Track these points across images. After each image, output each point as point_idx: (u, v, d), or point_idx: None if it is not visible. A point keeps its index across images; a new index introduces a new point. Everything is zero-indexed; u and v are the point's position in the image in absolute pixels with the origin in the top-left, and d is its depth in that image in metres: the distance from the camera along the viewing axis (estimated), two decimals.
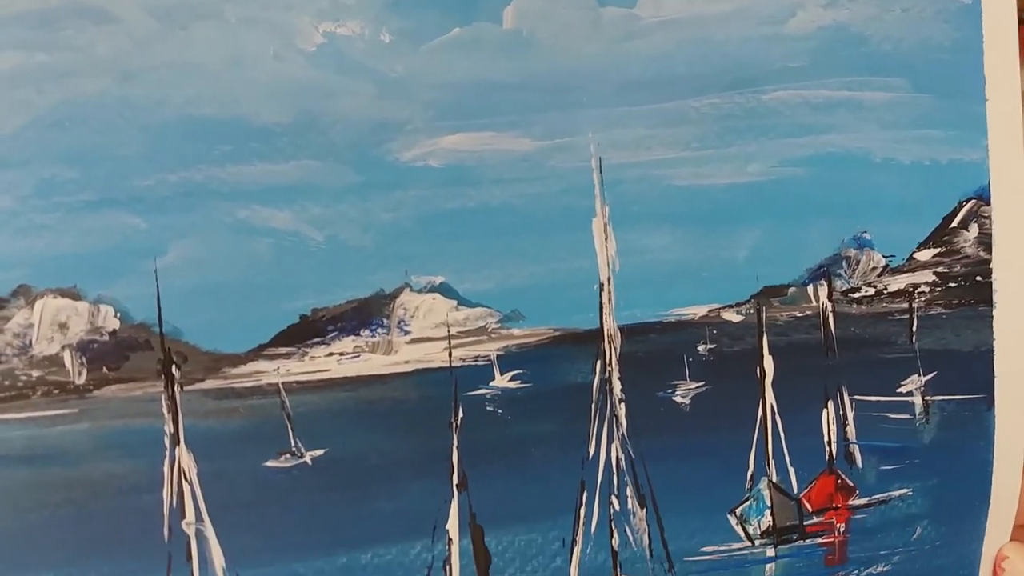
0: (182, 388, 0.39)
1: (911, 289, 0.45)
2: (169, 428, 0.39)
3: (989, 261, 0.46)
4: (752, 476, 0.45)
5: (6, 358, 0.38)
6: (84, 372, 0.39)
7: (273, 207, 0.40)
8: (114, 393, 0.39)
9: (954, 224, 0.45)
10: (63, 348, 0.39)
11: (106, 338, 0.39)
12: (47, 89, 0.38)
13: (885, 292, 0.45)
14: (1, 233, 0.38)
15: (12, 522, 0.38)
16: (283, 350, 0.40)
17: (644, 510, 0.44)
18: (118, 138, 0.39)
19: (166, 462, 0.39)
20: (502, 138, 0.41)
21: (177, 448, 0.40)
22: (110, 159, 0.38)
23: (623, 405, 0.43)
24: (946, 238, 0.45)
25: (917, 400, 0.46)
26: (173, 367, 0.39)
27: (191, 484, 0.40)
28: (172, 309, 0.39)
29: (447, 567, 0.42)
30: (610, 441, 0.43)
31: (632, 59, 0.42)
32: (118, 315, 0.39)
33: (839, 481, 0.46)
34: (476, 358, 0.42)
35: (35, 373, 0.39)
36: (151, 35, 0.39)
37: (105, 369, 0.39)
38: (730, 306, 0.44)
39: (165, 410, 0.39)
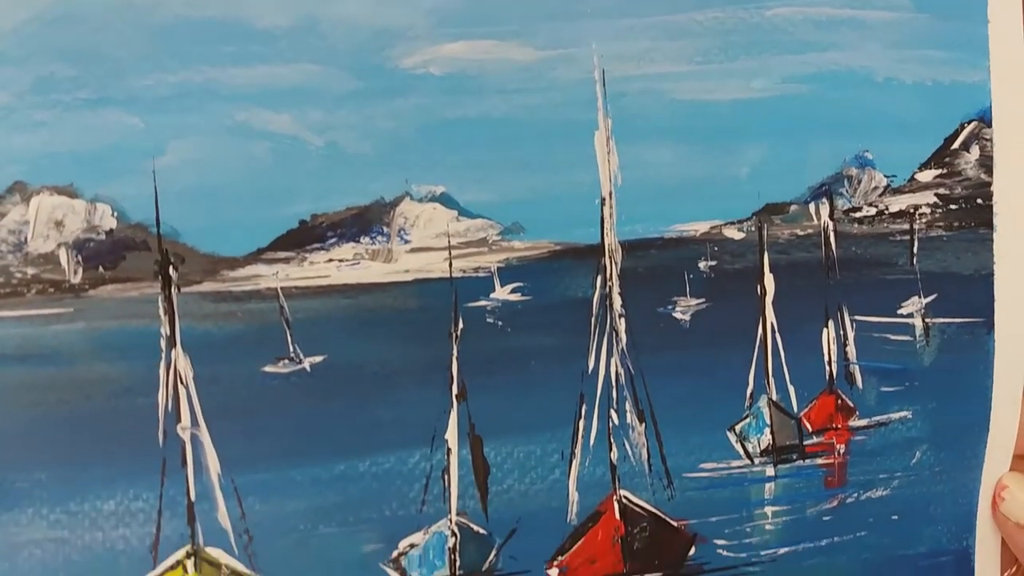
0: (179, 290, 0.36)
1: (912, 210, 0.42)
2: (165, 330, 0.36)
3: (990, 184, 0.43)
4: (752, 394, 0.42)
5: (1, 255, 0.35)
6: (80, 271, 0.36)
7: (272, 110, 0.37)
8: (110, 293, 0.36)
9: (955, 146, 0.42)
10: (59, 246, 0.36)
11: (103, 237, 0.36)
12: None
13: (886, 212, 0.42)
14: None
15: (5, 422, 0.35)
16: (282, 255, 0.37)
17: (643, 425, 0.41)
18: (118, 37, 0.36)
19: (162, 365, 0.36)
20: (504, 47, 0.38)
21: (173, 351, 0.36)
22: (109, 58, 0.36)
23: (623, 320, 0.40)
24: (947, 159, 0.42)
25: (917, 322, 0.43)
26: (170, 268, 0.36)
27: (187, 388, 0.37)
28: (170, 210, 0.36)
29: (445, 476, 0.39)
30: (609, 356, 0.40)
31: None
32: (115, 214, 0.36)
33: (839, 401, 0.43)
34: (476, 269, 0.39)
35: (30, 271, 0.36)
36: None
37: (101, 268, 0.36)
38: (732, 223, 0.41)
39: (162, 312, 0.36)
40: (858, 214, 0.42)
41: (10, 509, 0.35)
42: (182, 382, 0.36)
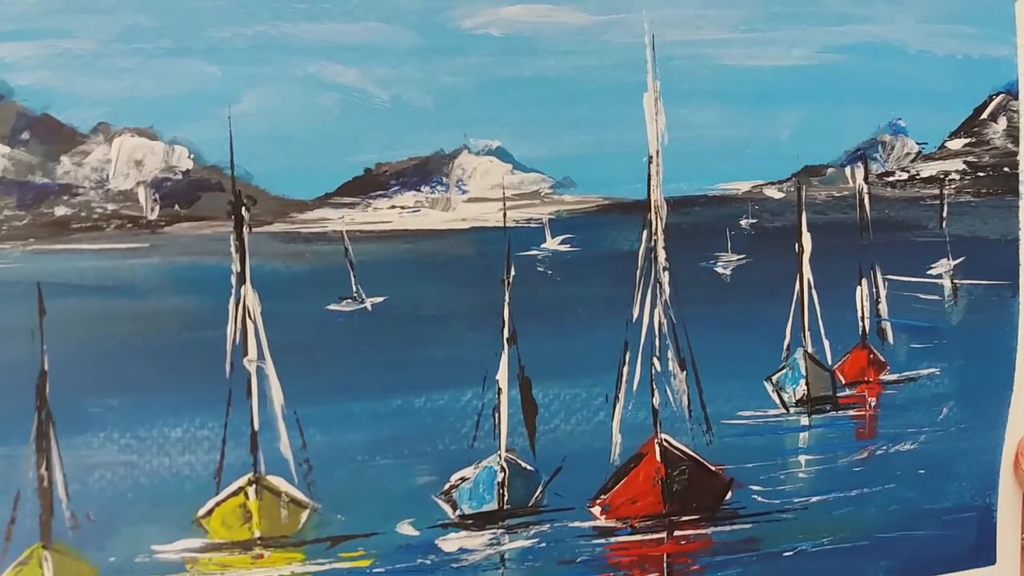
0: (250, 229, 0.35)
1: (942, 176, 0.41)
2: (236, 267, 0.35)
3: (1016, 153, 0.41)
4: (788, 346, 0.40)
5: (83, 191, 0.34)
6: (157, 208, 0.35)
7: (341, 64, 0.35)
8: (184, 230, 0.35)
9: (984, 116, 0.41)
10: (138, 184, 0.35)
11: (179, 177, 0.35)
12: None
13: (917, 177, 0.41)
14: (84, 74, 0.34)
15: (83, 349, 0.34)
16: (348, 200, 0.36)
17: (684, 372, 0.39)
18: None
19: (231, 300, 0.35)
20: (559, 11, 0.37)
21: (243, 287, 0.35)
22: (189, 11, 0.34)
23: (667, 273, 0.38)
24: (976, 129, 0.41)
25: (946, 283, 0.41)
26: (243, 209, 0.35)
27: (255, 323, 0.35)
28: (243, 154, 0.35)
29: (496, 415, 0.38)
30: (653, 306, 0.38)
31: None
32: (191, 156, 0.35)
33: (871, 356, 0.41)
34: (529, 220, 0.37)
35: (110, 207, 0.34)
36: None
37: (177, 207, 0.35)
38: (772, 183, 0.39)
39: (233, 250, 0.35)
40: (891, 178, 0.40)
41: (83, 432, 0.34)
42: (250, 317, 0.35)
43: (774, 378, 0.40)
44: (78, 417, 0.34)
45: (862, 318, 0.41)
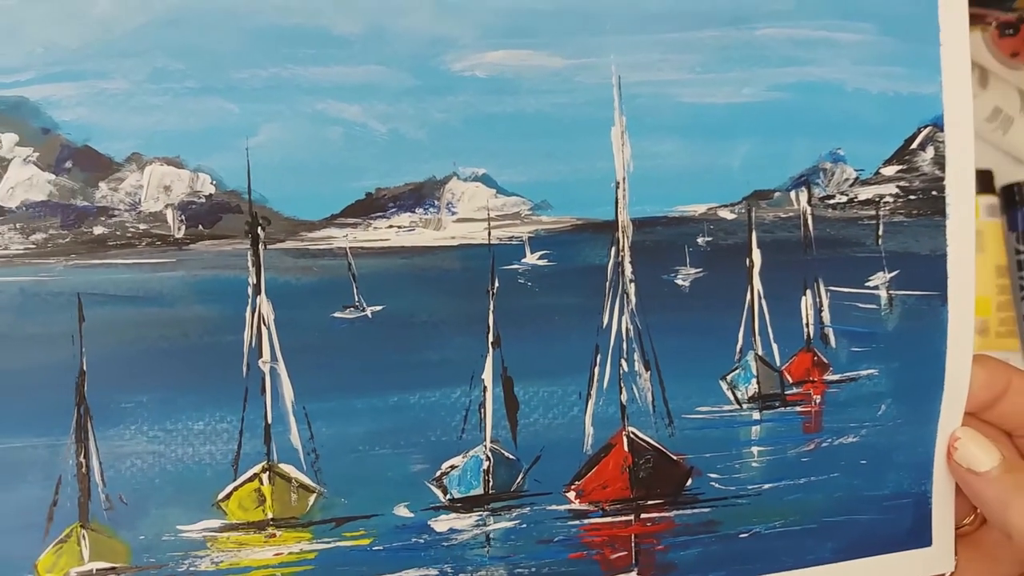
0: (265, 246, 0.36)
1: (877, 199, 0.41)
2: (252, 279, 0.36)
3: (943, 179, 0.41)
4: (741, 349, 0.40)
5: (118, 212, 0.35)
6: (182, 228, 0.35)
7: (345, 102, 0.36)
8: (207, 247, 0.35)
9: (913, 146, 0.41)
10: (166, 207, 0.35)
11: (203, 201, 0.35)
12: None
13: (855, 200, 0.41)
14: (119, 110, 0.34)
15: (116, 351, 0.35)
16: (351, 220, 0.36)
17: (649, 372, 0.39)
18: (220, 38, 0.35)
19: (248, 308, 0.36)
20: (537, 55, 0.37)
21: (258, 297, 0.36)
22: (211, 54, 0.35)
23: (633, 284, 0.39)
24: (907, 157, 0.41)
25: (882, 293, 0.41)
26: (259, 228, 0.36)
27: (268, 328, 0.36)
28: (259, 180, 0.35)
29: (482, 410, 0.38)
30: (621, 313, 0.39)
31: None
32: (214, 182, 0.35)
33: (815, 358, 0.41)
34: (511, 238, 0.38)
35: (141, 226, 0.35)
36: None
37: (200, 226, 0.35)
38: (725, 205, 0.39)
39: (250, 264, 0.36)
40: (832, 201, 0.40)
41: (116, 425, 0.34)
42: (264, 324, 0.35)
43: (728, 377, 0.40)
44: (112, 412, 0.34)
45: (807, 324, 0.40)
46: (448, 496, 0.37)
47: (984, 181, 0.74)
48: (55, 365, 0.34)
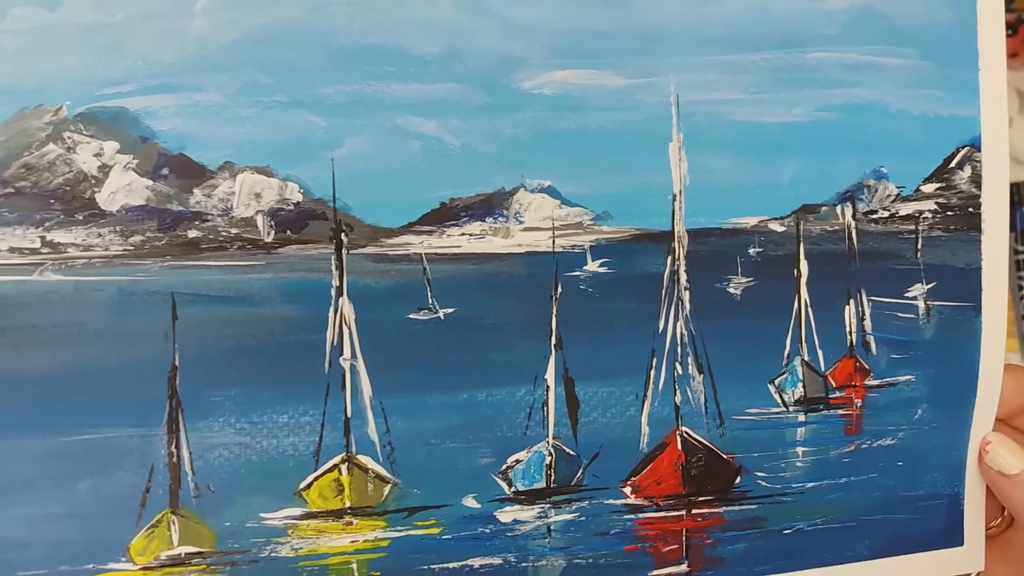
0: (348, 251, 0.36)
1: (917, 214, 0.41)
2: (335, 282, 0.36)
3: (979, 197, 0.41)
4: (788, 354, 0.40)
5: (211, 217, 0.35)
6: (271, 233, 0.36)
7: (422, 117, 0.36)
8: (294, 251, 0.36)
9: (952, 165, 0.41)
10: (256, 213, 0.36)
11: (291, 208, 0.36)
12: (255, 13, 0.35)
13: (897, 215, 0.41)
14: (213, 121, 0.35)
15: (207, 347, 0.35)
16: (426, 228, 0.37)
17: (701, 375, 0.39)
18: (307, 55, 0.35)
19: (331, 309, 0.36)
20: (600, 75, 0.38)
21: (341, 298, 0.36)
22: (300, 71, 0.35)
23: (687, 292, 0.39)
24: (945, 176, 0.41)
25: (920, 304, 0.41)
26: (342, 234, 0.36)
27: (349, 328, 0.36)
28: (343, 189, 0.36)
29: (545, 408, 0.38)
30: (676, 319, 0.39)
31: (706, 20, 0.38)
32: (301, 191, 0.36)
33: (857, 363, 0.41)
34: (573, 246, 0.38)
35: (233, 231, 0.35)
36: None
37: (288, 232, 0.36)
38: (775, 218, 0.40)
39: (333, 268, 0.36)
40: (874, 216, 0.40)
41: (205, 418, 0.35)
42: (346, 323, 0.36)
43: (776, 381, 0.40)
44: (202, 405, 0.35)
45: (850, 332, 0.40)
46: (513, 489, 0.38)
47: None
48: (150, 360, 0.34)
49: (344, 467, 0.36)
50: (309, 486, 0.36)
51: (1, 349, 0.33)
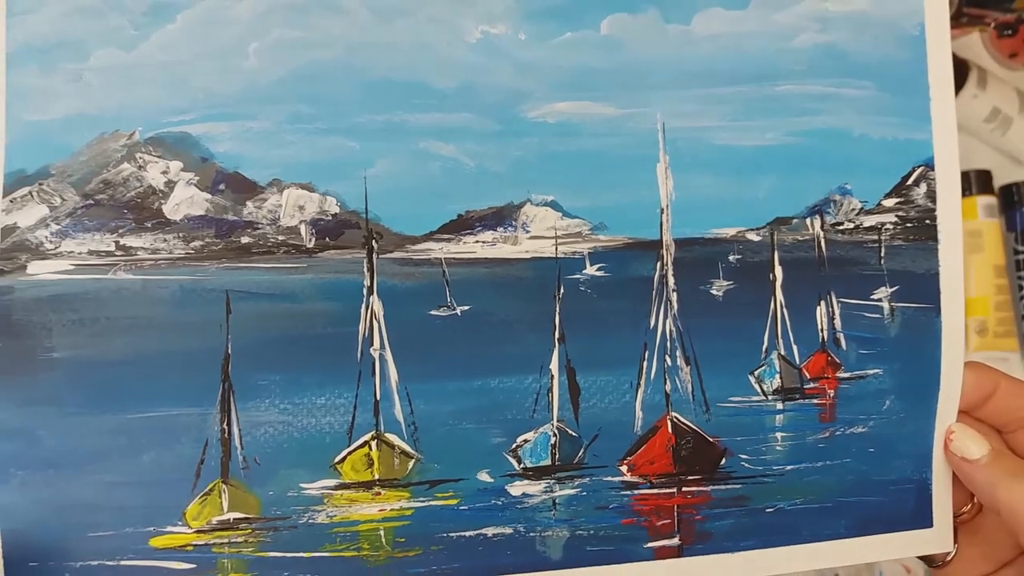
0: (378, 256, 0.39)
1: (879, 226, 0.43)
2: (367, 282, 0.39)
3: (934, 210, 0.43)
4: (766, 349, 0.42)
5: (261, 226, 0.38)
6: (312, 240, 0.39)
7: (442, 141, 0.39)
8: (331, 256, 0.39)
9: (909, 182, 0.43)
10: (300, 223, 0.39)
11: (329, 218, 0.39)
12: (299, 53, 0.39)
13: (861, 227, 0.43)
14: (263, 145, 0.38)
15: (258, 337, 0.38)
16: (445, 236, 0.39)
17: (689, 367, 0.41)
18: (343, 89, 0.39)
19: (363, 305, 0.39)
20: (596, 106, 0.41)
21: (371, 297, 0.39)
22: (337, 102, 0.39)
23: (675, 293, 0.41)
24: (904, 192, 0.43)
25: (885, 305, 0.43)
26: (373, 241, 0.39)
27: (379, 322, 0.39)
28: (374, 203, 0.39)
29: (550, 394, 0.40)
30: (665, 317, 0.41)
31: (688, 59, 0.41)
32: (338, 204, 0.39)
33: (829, 358, 0.43)
34: (574, 253, 0.41)
35: (280, 238, 0.38)
36: (368, 24, 0.39)
37: (327, 239, 0.39)
38: (752, 229, 0.42)
39: (365, 270, 0.39)
40: (841, 227, 0.42)
41: (253, 399, 0.37)
42: (375, 318, 0.38)
43: (756, 373, 0.42)
44: (251, 388, 0.37)
45: (821, 329, 0.42)
46: (522, 465, 0.40)
47: (983, 181, 0.69)
48: (206, 349, 0.37)
49: (374, 444, 0.38)
50: (343, 460, 0.38)
51: (80, 337, 0.36)
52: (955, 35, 0.40)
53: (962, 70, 0.69)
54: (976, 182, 0.69)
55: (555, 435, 0.40)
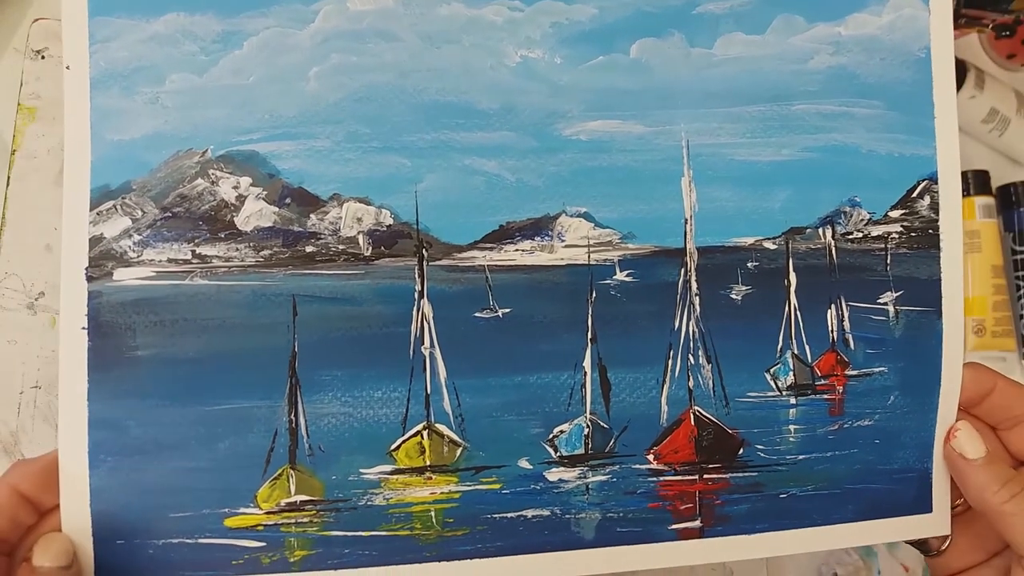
0: (428, 263, 0.41)
1: (886, 235, 0.46)
2: (418, 287, 0.41)
3: (937, 221, 0.46)
4: (781, 349, 0.45)
5: (324, 236, 0.41)
6: (369, 248, 0.41)
7: (485, 158, 0.42)
8: (386, 263, 0.41)
9: (914, 195, 0.46)
10: (358, 233, 0.41)
11: (384, 229, 0.41)
12: (355, 78, 0.42)
13: (869, 236, 0.46)
14: (324, 162, 0.41)
15: (322, 336, 0.41)
16: (488, 245, 0.42)
17: (710, 365, 0.44)
18: (396, 111, 0.42)
19: (415, 308, 0.41)
20: (626, 124, 0.43)
21: (422, 300, 0.41)
22: (390, 123, 0.42)
23: (698, 297, 0.44)
24: (909, 204, 0.46)
25: (891, 308, 0.46)
26: (423, 250, 0.41)
27: (429, 323, 0.41)
28: (424, 214, 0.41)
29: (583, 390, 0.43)
30: (688, 319, 0.44)
31: (710, 81, 0.45)
32: (392, 216, 0.41)
33: (839, 357, 0.46)
34: (605, 260, 0.43)
35: (340, 247, 0.41)
36: (419, 50, 0.43)
37: (382, 248, 0.41)
38: (768, 238, 0.45)
39: (416, 276, 0.41)
40: (850, 236, 0.45)
41: (318, 393, 0.40)
42: (426, 320, 0.41)
43: (771, 370, 0.44)
44: (315, 382, 0.40)
45: (832, 331, 0.45)
46: (558, 454, 0.42)
47: (981, 182, 0.70)
48: (275, 347, 0.40)
49: (425, 433, 0.41)
50: (398, 448, 0.41)
51: (161, 337, 0.40)
52: (953, 36, 0.42)
53: (960, 71, 0.69)
54: (974, 182, 0.70)
55: (588, 426, 0.43)
